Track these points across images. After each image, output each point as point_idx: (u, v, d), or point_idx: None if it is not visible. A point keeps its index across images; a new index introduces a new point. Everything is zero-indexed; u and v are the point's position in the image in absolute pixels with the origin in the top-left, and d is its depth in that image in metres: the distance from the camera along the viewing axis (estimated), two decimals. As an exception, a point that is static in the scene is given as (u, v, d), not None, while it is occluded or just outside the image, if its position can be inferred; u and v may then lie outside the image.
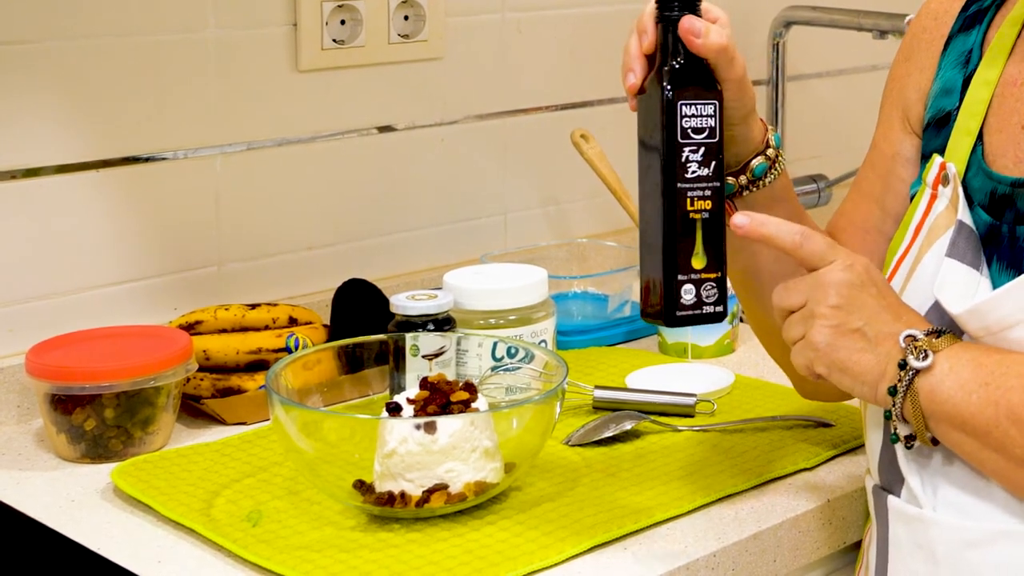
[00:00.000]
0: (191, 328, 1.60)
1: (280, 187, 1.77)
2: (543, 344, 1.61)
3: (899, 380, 1.12)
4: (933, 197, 1.22)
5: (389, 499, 1.27)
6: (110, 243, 1.64)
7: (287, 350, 1.57)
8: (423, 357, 1.48)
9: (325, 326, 1.65)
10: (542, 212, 2.04)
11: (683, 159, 1.18)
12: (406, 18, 1.84)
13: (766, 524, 1.30)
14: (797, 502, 1.34)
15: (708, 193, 1.19)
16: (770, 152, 1.28)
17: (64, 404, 1.43)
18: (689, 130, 1.19)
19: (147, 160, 1.65)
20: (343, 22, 1.78)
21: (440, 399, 1.30)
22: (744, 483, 1.36)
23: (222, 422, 1.54)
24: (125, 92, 1.63)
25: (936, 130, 1.27)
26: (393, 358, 1.48)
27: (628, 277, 1.85)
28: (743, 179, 1.28)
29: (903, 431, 1.15)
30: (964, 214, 1.19)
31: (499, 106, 1.97)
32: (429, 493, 1.26)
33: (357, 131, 1.83)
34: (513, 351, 1.47)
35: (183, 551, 1.25)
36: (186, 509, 1.31)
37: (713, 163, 1.19)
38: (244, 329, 1.61)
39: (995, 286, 1.16)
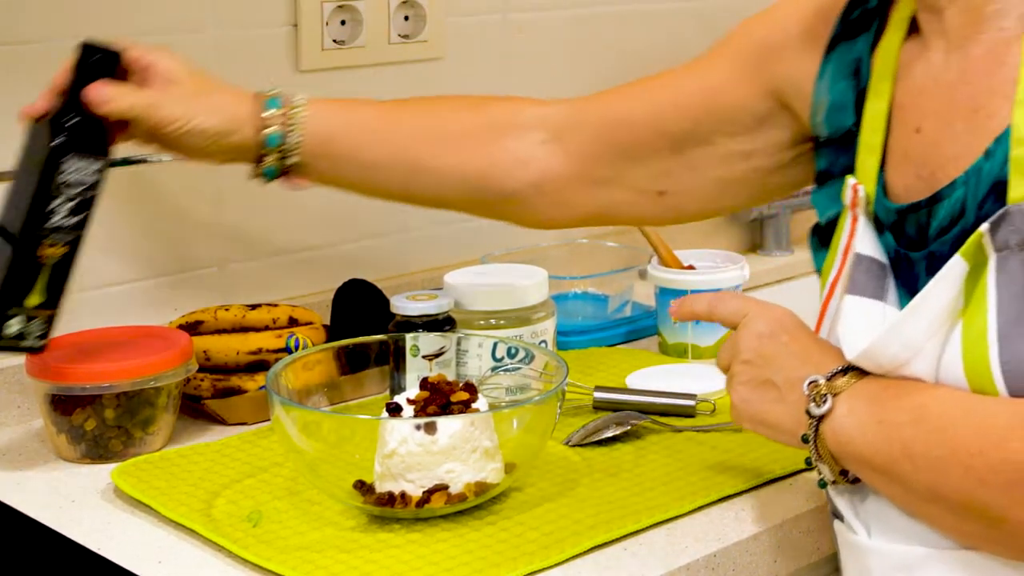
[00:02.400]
0: (191, 328, 1.60)
1: (280, 187, 1.76)
2: (543, 344, 1.61)
3: (808, 427, 1.14)
4: (855, 218, 1.21)
5: (389, 499, 1.27)
6: (110, 243, 1.64)
7: (287, 350, 1.57)
8: (423, 357, 1.48)
9: (325, 326, 1.65)
10: (542, 212, 2.03)
11: (51, 208, 1.25)
12: (406, 18, 1.84)
13: (766, 524, 1.30)
14: (797, 502, 1.34)
15: (68, 240, 1.28)
16: (271, 130, 1.36)
17: (64, 404, 1.43)
18: (63, 185, 1.25)
19: (147, 160, 1.65)
20: (343, 22, 1.78)
21: (440, 399, 1.30)
22: (744, 483, 1.36)
23: (222, 422, 1.54)
24: (125, 92, 1.62)
25: (841, 148, 1.25)
26: (393, 358, 1.48)
27: (628, 277, 1.85)
28: (270, 160, 1.38)
29: (826, 475, 1.16)
30: (862, 244, 1.18)
31: (499, 106, 1.97)
32: (429, 493, 1.26)
33: (357, 131, 1.82)
34: (513, 351, 1.47)
35: (183, 551, 1.25)
36: (186, 509, 1.31)
37: (80, 216, 1.28)
38: (244, 329, 1.61)
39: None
